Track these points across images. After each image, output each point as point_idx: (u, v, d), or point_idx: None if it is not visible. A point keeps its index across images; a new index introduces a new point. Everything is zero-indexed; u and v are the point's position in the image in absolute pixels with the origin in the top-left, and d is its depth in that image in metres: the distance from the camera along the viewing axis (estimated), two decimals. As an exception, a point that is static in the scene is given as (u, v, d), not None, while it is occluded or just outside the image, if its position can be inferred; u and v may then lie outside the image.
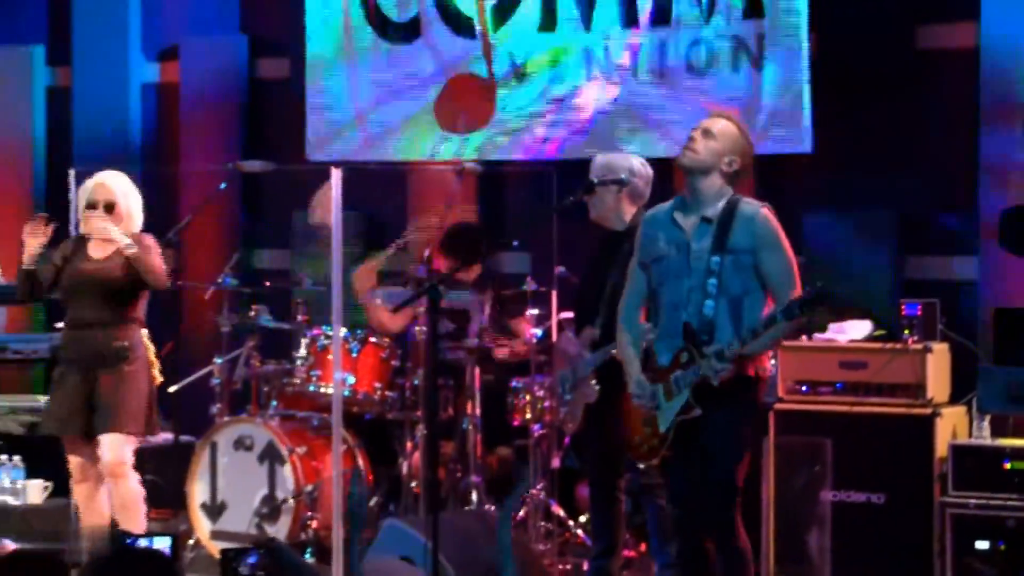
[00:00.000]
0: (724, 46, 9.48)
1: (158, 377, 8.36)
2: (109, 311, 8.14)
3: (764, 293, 6.72)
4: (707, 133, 6.82)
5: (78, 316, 8.21)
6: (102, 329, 8.14)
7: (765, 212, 6.76)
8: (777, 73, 9.34)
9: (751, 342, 6.61)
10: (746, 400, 6.80)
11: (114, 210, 8.17)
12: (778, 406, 8.58)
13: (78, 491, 8.31)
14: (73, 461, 8.28)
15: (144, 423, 8.20)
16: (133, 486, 8.20)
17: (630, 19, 9.72)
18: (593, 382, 7.73)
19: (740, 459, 6.76)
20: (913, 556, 8.34)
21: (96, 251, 8.23)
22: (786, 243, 6.75)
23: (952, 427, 8.49)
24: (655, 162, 8.13)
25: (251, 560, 5.12)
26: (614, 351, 7.27)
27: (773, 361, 8.44)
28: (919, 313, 8.61)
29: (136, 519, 8.14)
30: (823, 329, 8.54)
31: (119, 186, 8.24)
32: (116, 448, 8.12)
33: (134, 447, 8.24)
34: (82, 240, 8.28)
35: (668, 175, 8.40)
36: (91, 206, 8.17)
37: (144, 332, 8.27)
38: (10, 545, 7.42)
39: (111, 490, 8.20)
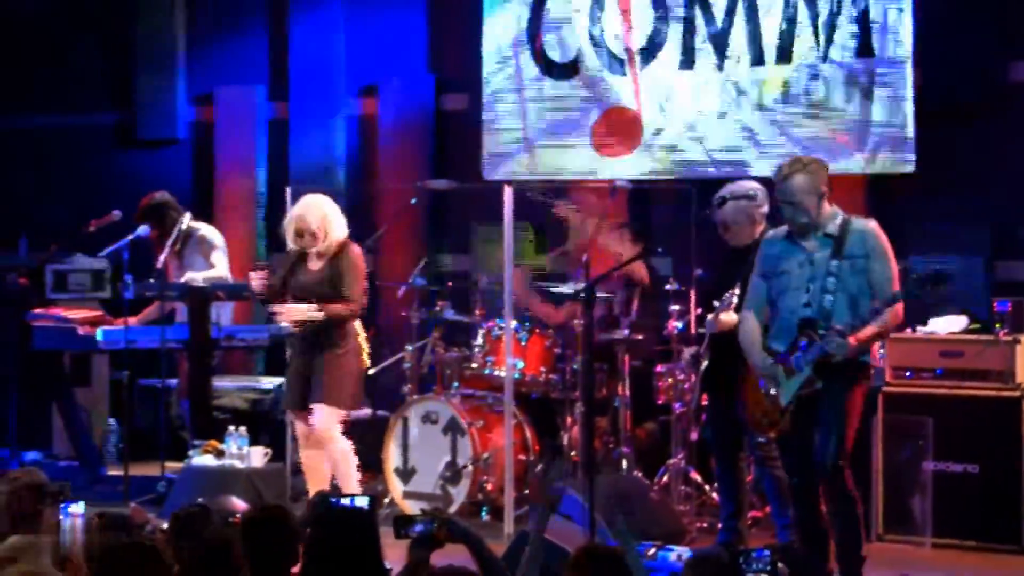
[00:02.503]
0: (839, 80, 9.38)
1: (366, 361, 8.41)
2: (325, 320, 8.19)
3: (871, 296, 6.79)
4: (793, 206, 6.82)
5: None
6: (318, 324, 8.22)
7: (874, 226, 6.83)
8: (885, 103, 9.23)
9: (864, 325, 6.66)
10: (858, 377, 6.83)
11: (315, 236, 8.20)
12: (886, 389, 8.50)
13: (304, 456, 8.39)
14: (299, 430, 8.36)
15: (349, 398, 8.27)
16: (341, 447, 8.24)
17: (758, 58, 9.64)
18: None
19: (850, 425, 6.76)
20: (1003, 518, 8.23)
21: (313, 263, 8.28)
22: (891, 253, 6.80)
23: (1037, 407, 8.33)
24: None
25: (418, 528, 5.07)
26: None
27: (882, 351, 8.36)
28: (1009, 310, 8.48)
29: (348, 475, 8.20)
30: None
31: (314, 216, 8.21)
32: (322, 417, 8.20)
33: (341, 417, 8.29)
34: (303, 254, 8.32)
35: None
36: (299, 234, 8.21)
37: (357, 323, 8.33)
38: (240, 504, 7.49)
39: (327, 453, 8.28)
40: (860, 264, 6.76)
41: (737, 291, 7.59)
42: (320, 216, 8.24)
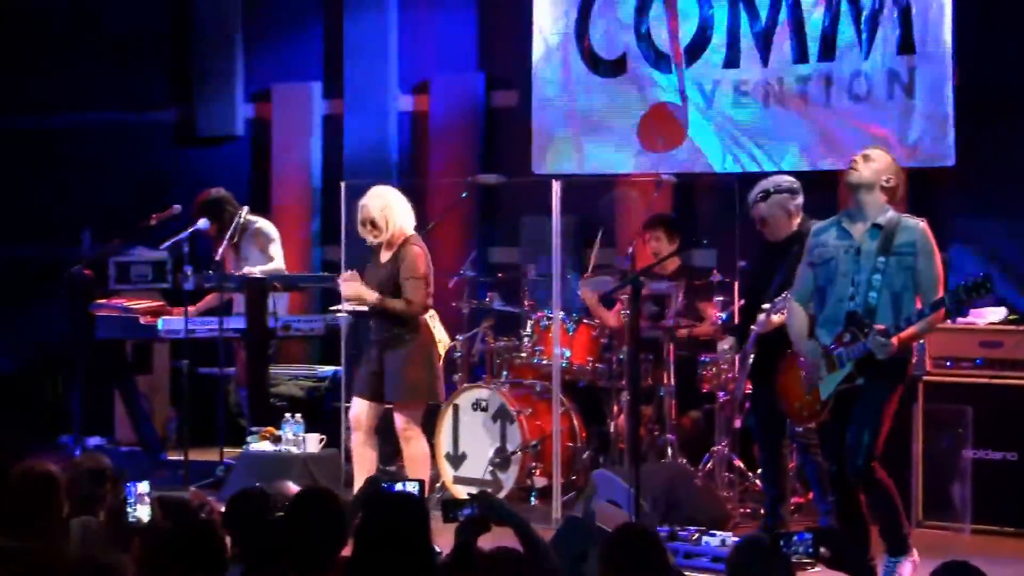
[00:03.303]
0: (881, 77, 9.31)
1: (440, 351, 8.37)
2: (381, 311, 8.19)
3: (915, 294, 6.76)
4: (867, 157, 6.93)
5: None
6: (388, 317, 8.20)
7: (924, 226, 6.82)
8: (926, 99, 9.16)
9: (908, 326, 6.66)
10: (898, 378, 6.78)
11: (376, 225, 8.20)
12: (926, 378, 8.45)
13: (353, 442, 8.39)
14: (353, 416, 8.35)
15: (426, 391, 8.27)
16: (419, 446, 8.29)
17: (801, 56, 9.59)
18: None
19: (884, 425, 6.77)
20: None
21: (383, 256, 8.28)
22: (938, 255, 6.80)
23: (1075, 396, 8.27)
24: (822, 174, 8.04)
25: (467, 511, 5.07)
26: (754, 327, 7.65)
27: (922, 341, 8.31)
28: (1048, 301, 8.43)
29: (422, 472, 8.22)
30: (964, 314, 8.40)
31: (376, 205, 8.20)
32: (403, 416, 8.21)
33: (420, 412, 8.32)
34: (377, 247, 8.32)
35: (833, 185, 8.26)
36: (362, 224, 8.21)
37: (428, 315, 8.28)
38: (295, 488, 7.51)
39: (403, 448, 8.28)
40: (907, 261, 6.73)
41: (789, 294, 7.60)
42: (381, 206, 8.21)
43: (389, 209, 8.22)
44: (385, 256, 8.28)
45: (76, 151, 12.28)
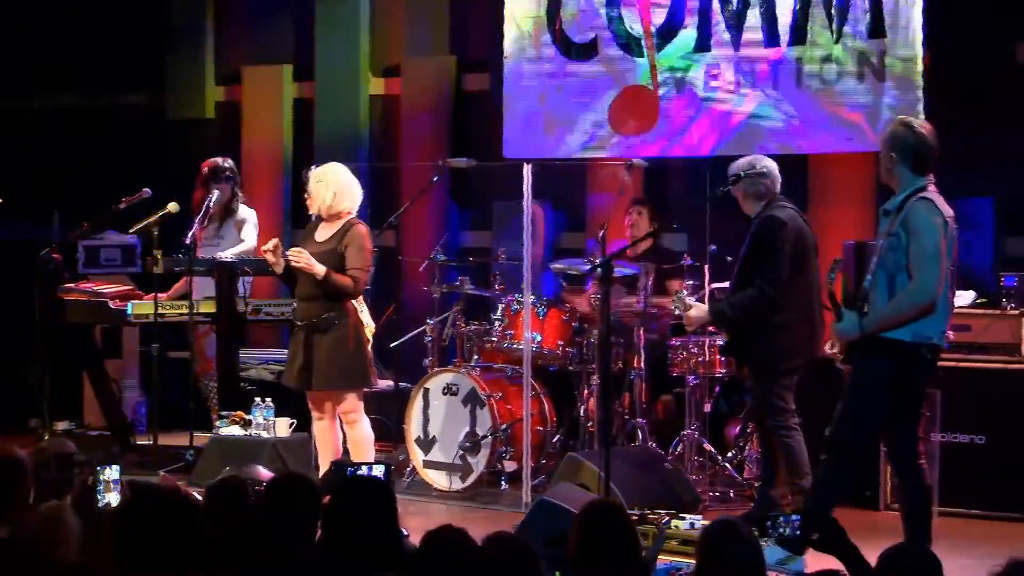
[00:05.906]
0: (851, 61, 9.33)
1: (367, 334, 8.22)
2: (322, 287, 8.11)
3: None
4: (882, 155, 6.71)
5: (302, 289, 8.22)
6: (317, 301, 8.14)
7: (919, 202, 6.54)
8: (896, 83, 9.19)
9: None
10: None
11: (312, 197, 8.20)
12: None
13: (316, 427, 8.42)
14: (312, 403, 8.38)
15: (355, 377, 8.16)
16: (362, 430, 8.24)
17: (772, 39, 9.60)
18: None
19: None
20: (1010, 487, 8.27)
21: (320, 235, 8.25)
22: (928, 232, 6.49)
23: (1043, 380, 8.32)
24: (792, 159, 8.05)
25: None
26: None
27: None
28: (1015, 284, 8.47)
29: (366, 455, 8.21)
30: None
31: (315, 176, 8.22)
32: (345, 401, 8.19)
33: (361, 395, 8.28)
34: (317, 222, 8.34)
35: (801, 170, 8.27)
36: (308, 194, 8.25)
37: (354, 301, 8.17)
38: (265, 472, 7.53)
39: (346, 432, 8.29)
40: (896, 242, 6.50)
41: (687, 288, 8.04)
42: (324, 181, 8.19)
43: (330, 185, 8.17)
44: (324, 234, 8.22)
45: (46, 133, 12.24)
